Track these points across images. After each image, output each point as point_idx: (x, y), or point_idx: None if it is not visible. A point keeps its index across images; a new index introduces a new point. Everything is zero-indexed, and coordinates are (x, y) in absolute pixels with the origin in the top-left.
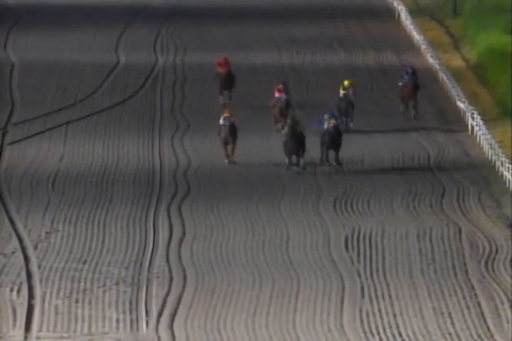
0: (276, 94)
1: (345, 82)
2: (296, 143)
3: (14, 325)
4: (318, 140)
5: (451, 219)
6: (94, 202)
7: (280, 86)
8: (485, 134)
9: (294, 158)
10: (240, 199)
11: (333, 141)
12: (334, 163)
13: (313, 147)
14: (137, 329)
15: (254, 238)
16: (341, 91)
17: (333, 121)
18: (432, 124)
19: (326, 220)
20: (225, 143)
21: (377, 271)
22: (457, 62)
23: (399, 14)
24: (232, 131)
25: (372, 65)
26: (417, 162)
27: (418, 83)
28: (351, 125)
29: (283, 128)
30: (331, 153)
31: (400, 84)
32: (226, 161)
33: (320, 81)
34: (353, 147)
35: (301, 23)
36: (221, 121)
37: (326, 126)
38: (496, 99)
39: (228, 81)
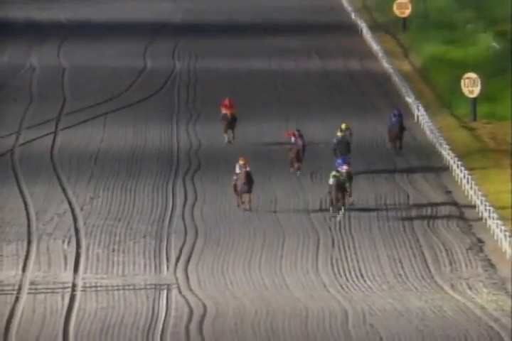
0: (292, 139)
1: (343, 126)
2: (340, 192)
3: (65, 269)
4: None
5: (401, 188)
6: (127, 174)
7: (295, 132)
8: (427, 122)
9: (338, 205)
10: None
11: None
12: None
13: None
14: (160, 272)
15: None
16: (339, 134)
17: (345, 167)
18: (386, 115)
19: (306, 188)
20: (241, 192)
21: (345, 226)
22: (406, 66)
23: (361, 30)
24: (249, 180)
25: (341, 69)
26: (375, 143)
27: (404, 126)
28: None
29: (298, 169)
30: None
31: (389, 125)
32: (242, 207)
33: (301, 82)
34: (326, 133)
35: (287, 37)
36: (237, 170)
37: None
38: (436, 95)
39: (232, 122)
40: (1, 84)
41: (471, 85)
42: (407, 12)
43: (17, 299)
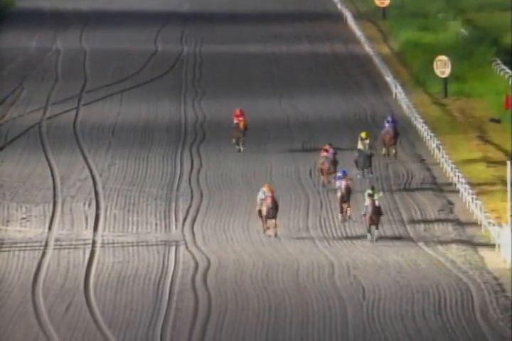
0: (324, 154)
1: (363, 134)
2: (376, 213)
3: (86, 227)
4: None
5: (381, 157)
6: (140, 144)
7: (327, 146)
8: (404, 99)
9: (373, 228)
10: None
11: (345, 198)
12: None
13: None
14: (169, 230)
15: (248, 169)
16: (360, 145)
17: (343, 182)
18: (368, 92)
19: (297, 158)
20: (267, 218)
21: (332, 190)
22: (385, 50)
23: (346, 18)
24: (275, 204)
25: (328, 52)
26: (357, 117)
27: (398, 131)
28: (370, 175)
29: (329, 182)
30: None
31: (382, 131)
32: (267, 234)
33: (292, 63)
34: (317, 107)
35: (280, 24)
36: (261, 196)
37: (338, 183)
38: (412, 75)
39: (243, 130)
40: (31, 65)
41: (442, 66)
42: (386, 2)
43: (44, 254)
